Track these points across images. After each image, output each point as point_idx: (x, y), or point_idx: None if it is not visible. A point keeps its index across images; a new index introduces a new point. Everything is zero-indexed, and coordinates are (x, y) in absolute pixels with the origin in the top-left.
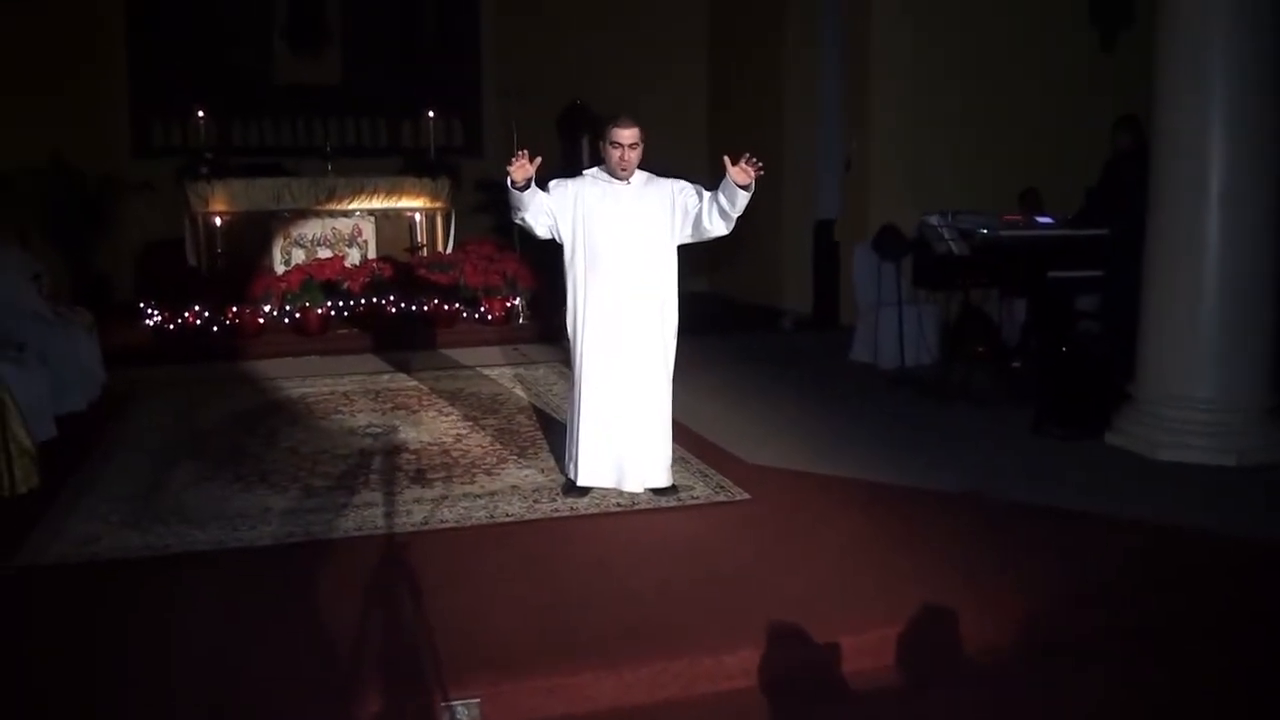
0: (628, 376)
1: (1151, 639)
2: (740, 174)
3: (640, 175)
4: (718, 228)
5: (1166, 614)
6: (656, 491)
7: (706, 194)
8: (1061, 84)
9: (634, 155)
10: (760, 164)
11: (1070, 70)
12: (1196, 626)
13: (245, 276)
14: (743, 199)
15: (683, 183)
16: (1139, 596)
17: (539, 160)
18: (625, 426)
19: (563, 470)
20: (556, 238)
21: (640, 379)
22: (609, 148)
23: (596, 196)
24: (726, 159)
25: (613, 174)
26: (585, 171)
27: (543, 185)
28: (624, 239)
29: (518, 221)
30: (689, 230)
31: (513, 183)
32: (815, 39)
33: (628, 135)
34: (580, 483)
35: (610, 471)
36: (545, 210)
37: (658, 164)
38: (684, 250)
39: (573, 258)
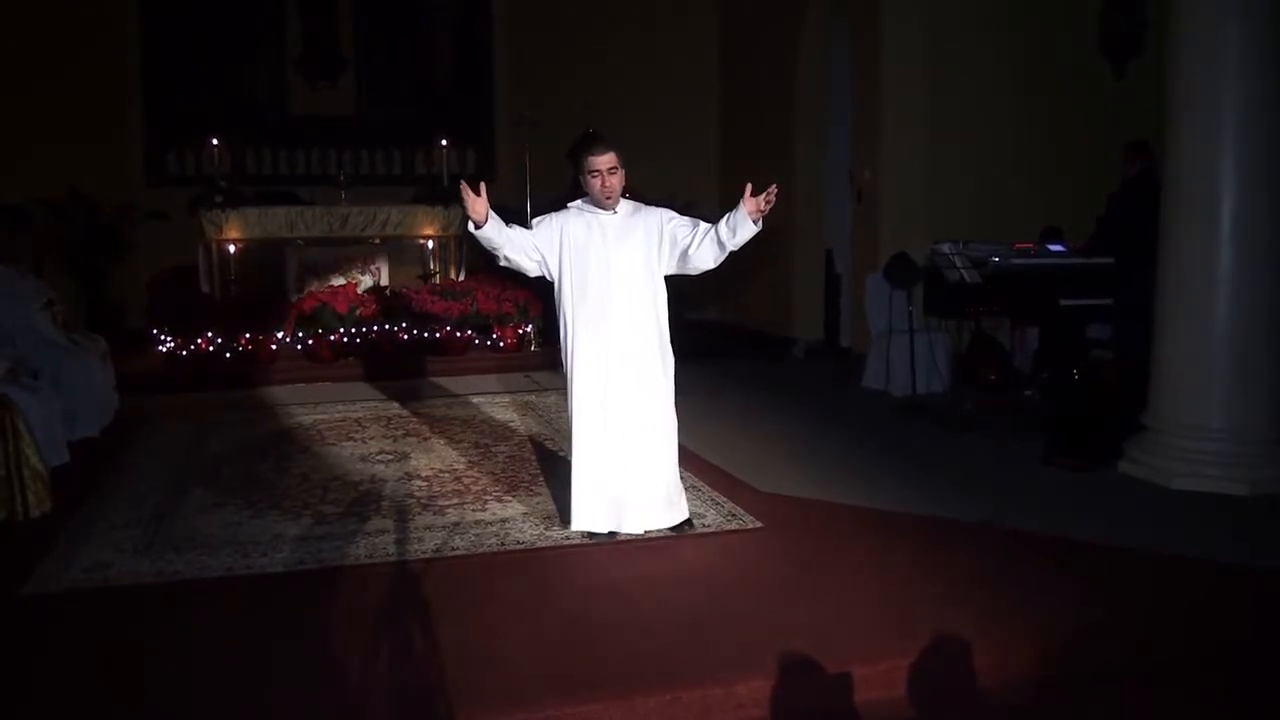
0: (625, 413)
1: (1167, 671)
2: (753, 205)
3: (626, 205)
4: (705, 260)
5: (1181, 645)
6: (672, 529)
7: (702, 225)
8: (1073, 113)
9: (615, 180)
10: (771, 200)
11: (1082, 99)
12: (1212, 658)
13: (258, 304)
14: (746, 233)
15: (672, 213)
16: (1154, 627)
17: (484, 186)
18: (624, 467)
19: (562, 515)
20: (547, 275)
21: (638, 415)
22: (588, 178)
23: (582, 229)
24: (749, 187)
25: (597, 204)
26: (569, 204)
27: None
28: (612, 271)
29: (502, 264)
30: (675, 262)
31: (475, 224)
32: (826, 69)
33: (604, 160)
34: (574, 527)
35: (608, 516)
36: (530, 247)
37: (671, 192)
38: (695, 277)
39: (561, 293)
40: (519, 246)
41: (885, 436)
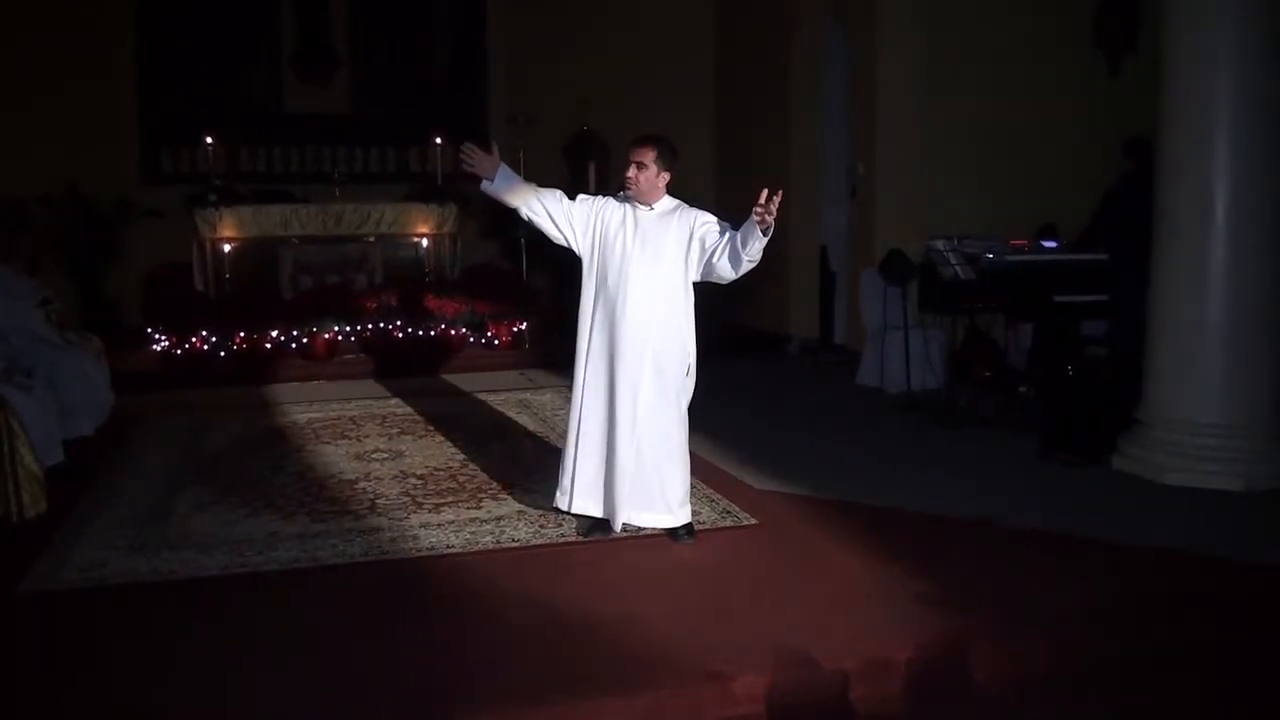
0: (624, 406)
1: (1162, 666)
2: (758, 212)
3: (669, 202)
4: (726, 269)
5: (1177, 641)
6: (668, 532)
7: (730, 233)
8: (1069, 109)
9: (641, 176)
10: (766, 206)
11: (1078, 95)
12: (1208, 653)
13: (253, 302)
14: (755, 244)
15: (709, 216)
16: (1148, 623)
17: (495, 145)
18: (616, 459)
19: (551, 503)
20: (575, 248)
21: (636, 411)
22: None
23: (617, 217)
24: (764, 193)
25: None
26: (620, 192)
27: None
28: (634, 264)
29: (524, 217)
30: (702, 268)
31: (487, 179)
32: (821, 67)
33: (633, 152)
34: (574, 510)
35: (598, 503)
36: (560, 214)
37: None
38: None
39: (587, 276)
40: (538, 208)
41: (880, 433)
